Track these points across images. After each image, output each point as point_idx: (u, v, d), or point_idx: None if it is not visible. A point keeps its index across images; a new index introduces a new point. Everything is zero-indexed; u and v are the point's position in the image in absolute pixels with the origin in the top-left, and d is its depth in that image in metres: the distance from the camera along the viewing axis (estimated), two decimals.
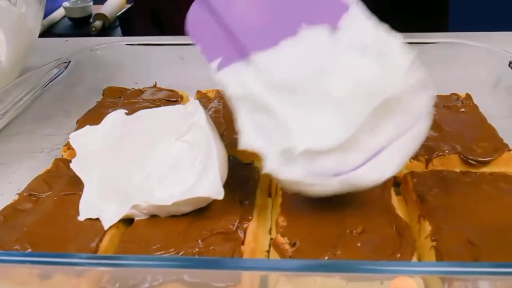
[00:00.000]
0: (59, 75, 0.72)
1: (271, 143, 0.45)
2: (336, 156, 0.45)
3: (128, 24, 2.03)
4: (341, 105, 0.45)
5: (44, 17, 2.30)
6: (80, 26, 2.29)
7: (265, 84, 0.46)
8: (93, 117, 0.67)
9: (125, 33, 2.11)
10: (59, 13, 2.34)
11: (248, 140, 0.46)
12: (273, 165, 0.45)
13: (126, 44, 0.80)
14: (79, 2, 2.31)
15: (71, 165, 0.55)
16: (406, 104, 0.45)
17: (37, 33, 0.80)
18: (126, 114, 0.61)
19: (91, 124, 0.63)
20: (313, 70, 0.46)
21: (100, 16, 2.22)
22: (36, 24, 0.77)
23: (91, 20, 2.28)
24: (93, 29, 2.16)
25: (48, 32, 2.20)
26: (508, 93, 0.69)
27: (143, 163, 0.52)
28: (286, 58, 0.47)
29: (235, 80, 0.47)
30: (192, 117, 0.52)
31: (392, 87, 0.44)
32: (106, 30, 2.21)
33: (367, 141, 0.45)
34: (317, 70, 0.46)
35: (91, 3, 2.33)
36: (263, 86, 0.46)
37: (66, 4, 2.30)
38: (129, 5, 2.32)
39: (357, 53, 0.46)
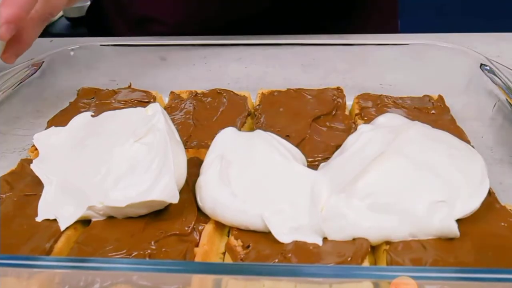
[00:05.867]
0: (31, 75, 0.72)
1: None
2: None
3: None
4: None
5: None
6: (77, 26, 2.29)
7: None
8: (64, 118, 0.67)
9: None
10: None
11: None
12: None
13: (101, 45, 0.80)
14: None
15: (32, 166, 0.55)
16: None
17: None
18: (92, 115, 0.61)
19: (61, 125, 0.63)
20: None
21: None
22: None
23: None
24: None
25: (45, 31, 2.20)
26: (480, 95, 0.68)
27: (101, 164, 0.52)
28: None
29: None
30: (151, 120, 0.52)
31: None
32: None
33: None
34: None
35: (89, 2, 2.33)
36: None
37: None
38: None
39: None
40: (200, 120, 0.67)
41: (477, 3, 2.00)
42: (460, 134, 0.62)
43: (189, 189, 0.53)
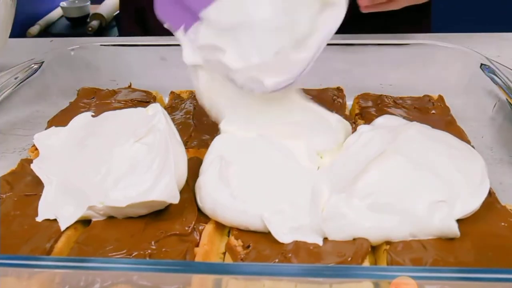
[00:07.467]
0: (31, 75, 0.72)
1: None
2: None
3: None
4: None
5: (42, 16, 2.30)
6: (77, 26, 2.29)
7: (215, 30, 0.56)
8: (64, 118, 0.67)
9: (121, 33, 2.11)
10: (56, 13, 2.34)
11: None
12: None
13: (101, 45, 0.80)
14: (76, 1, 2.32)
15: (32, 166, 0.55)
16: None
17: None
18: (93, 116, 0.61)
19: (61, 125, 0.63)
20: None
21: (97, 16, 2.22)
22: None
23: (88, 20, 2.28)
24: (90, 29, 2.16)
25: (45, 31, 2.21)
26: (480, 95, 0.68)
27: (102, 164, 0.52)
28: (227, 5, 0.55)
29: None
30: (152, 120, 0.52)
31: None
32: (102, 30, 2.21)
33: None
34: None
35: (89, 2, 2.33)
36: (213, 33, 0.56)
37: (63, 3, 2.30)
38: None
39: None
40: (200, 120, 0.67)
41: (477, 3, 1.99)
42: (460, 134, 0.62)
43: (189, 189, 0.53)
